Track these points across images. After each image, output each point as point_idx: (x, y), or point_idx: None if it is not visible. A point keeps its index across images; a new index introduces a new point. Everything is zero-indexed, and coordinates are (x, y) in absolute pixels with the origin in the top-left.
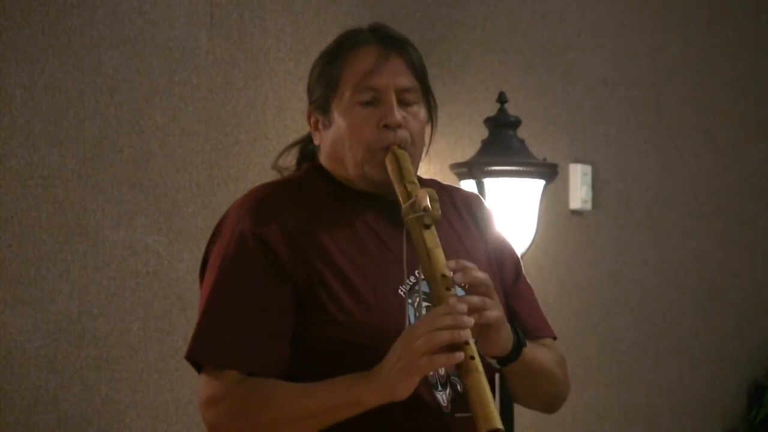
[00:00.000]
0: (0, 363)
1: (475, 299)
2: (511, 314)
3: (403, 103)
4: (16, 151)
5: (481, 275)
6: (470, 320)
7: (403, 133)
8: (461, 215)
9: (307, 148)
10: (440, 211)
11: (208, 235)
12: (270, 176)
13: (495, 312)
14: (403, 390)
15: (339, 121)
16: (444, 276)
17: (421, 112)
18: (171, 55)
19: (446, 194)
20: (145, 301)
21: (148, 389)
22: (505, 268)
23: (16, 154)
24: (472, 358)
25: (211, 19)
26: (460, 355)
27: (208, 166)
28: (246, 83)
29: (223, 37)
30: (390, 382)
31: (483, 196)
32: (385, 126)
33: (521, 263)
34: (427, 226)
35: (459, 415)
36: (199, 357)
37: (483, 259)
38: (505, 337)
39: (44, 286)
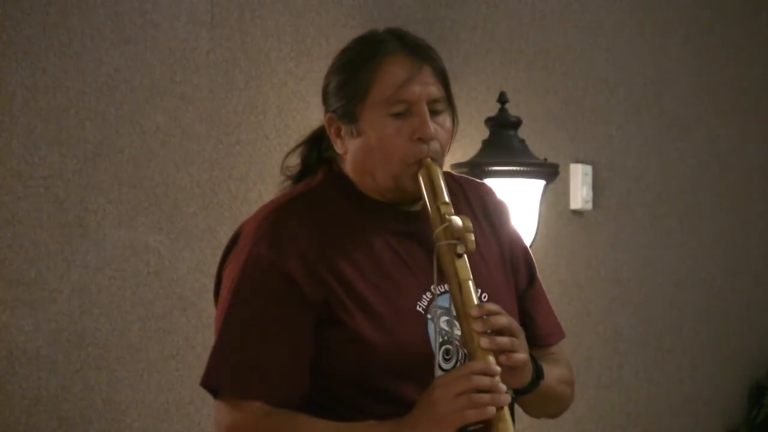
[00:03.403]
0: (1, 363)
1: (505, 341)
2: (525, 317)
3: (433, 113)
4: (17, 151)
5: (505, 320)
6: (503, 387)
7: (435, 145)
8: (475, 213)
9: (313, 151)
10: (474, 244)
11: (208, 235)
12: (272, 176)
13: (522, 354)
14: None
15: (369, 132)
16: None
17: (447, 120)
18: (172, 55)
19: (459, 189)
20: (146, 301)
21: (149, 389)
22: (520, 270)
23: (17, 154)
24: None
25: (211, 19)
26: (492, 411)
27: (209, 166)
28: (247, 83)
29: (223, 37)
30: None
31: None
32: (419, 139)
33: (534, 263)
34: (459, 256)
35: (472, 428)
36: (219, 386)
37: (497, 262)
38: (527, 373)
39: (45, 286)
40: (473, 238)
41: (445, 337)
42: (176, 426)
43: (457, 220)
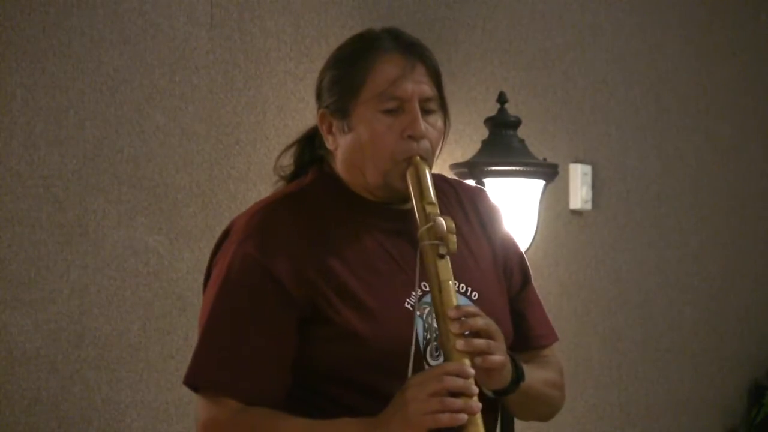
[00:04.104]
0: (0, 363)
1: (481, 343)
2: (518, 319)
3: (425, 112)
4: (17, 150)
5: (482, 322)
6: (476, 389)
7: (425, 144)
8: (467, 216)
9: (306, 149)
10: (456, 246)
11: (208, 235)
12: (271, 176)
13: (499, 356)
14: None
15: (360, 128)
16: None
17: (439, 121)
18: (171, 55)
19: (452, 191)
20: (146, 301)
21: (149, 389)
22: (513, 272)
23: (17, 154)
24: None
25: (211, 19)
26: (464, 418)
27: (208, 166)
28: (246, 83)
29: (223, 37)
30: None
31: None
32: (409, 136)
33: (528, 267)
34: (442, 256)
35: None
36: (197, 383)
37: (489, 263)
38: (506, 374)
39: (45, 286)
40: (455, 239)
41: (435, 334)
42: (176, 426)
43: (441, 221)
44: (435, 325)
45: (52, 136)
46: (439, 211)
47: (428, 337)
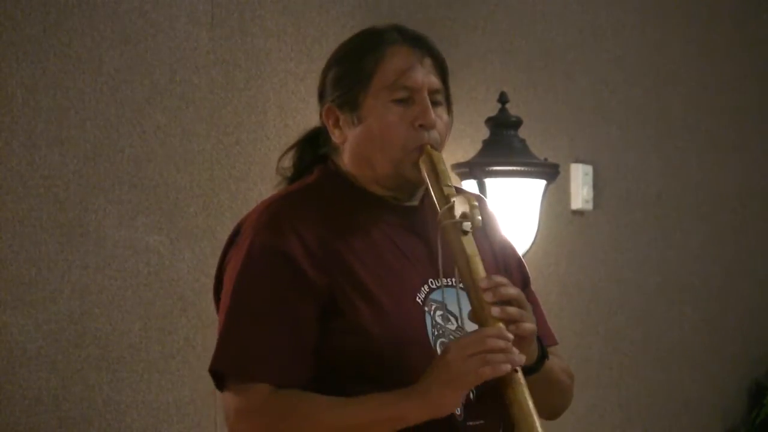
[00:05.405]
0: (1, 363)
1: (514, 310)
2: None
3: (433, 104)
4: (18, 150)
5: (513, 291)
6: (517, 351)
7: (435, 134)
8: None
9: (306, 151)
10: (480, 220)
11: (209, 234)
12: (272, 176)
13: (530, 324)
14: (450, 404)
15: (370, 119)
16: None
17: (445, 114)
18: (172, 55)
19: None
20: (147, 301)
21: (150, 389)
22: (513, 274)
23: (18, 154)
24: (516, 370)
25: (212, 19)
26: (507, 367)
27: (209, 165)
28: (247, 83)
29: (224, 37)
30: (435, 397)
31: (484, 196)
32: (420, 126)
33: (528, 271)
34: (465, 233)
35: (471, 423)
36: (227, 369)
37: (492, 266)
38: (534, 349)
39: (45, 286)
40: (479, 213)
41: (440, 331)
42: (176, 426)
43: (463, 198)
44: (440, 323)
45: (53, 136)
46: (456, 192)
47: (436, 333)
